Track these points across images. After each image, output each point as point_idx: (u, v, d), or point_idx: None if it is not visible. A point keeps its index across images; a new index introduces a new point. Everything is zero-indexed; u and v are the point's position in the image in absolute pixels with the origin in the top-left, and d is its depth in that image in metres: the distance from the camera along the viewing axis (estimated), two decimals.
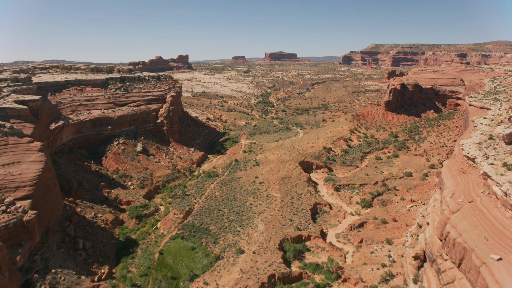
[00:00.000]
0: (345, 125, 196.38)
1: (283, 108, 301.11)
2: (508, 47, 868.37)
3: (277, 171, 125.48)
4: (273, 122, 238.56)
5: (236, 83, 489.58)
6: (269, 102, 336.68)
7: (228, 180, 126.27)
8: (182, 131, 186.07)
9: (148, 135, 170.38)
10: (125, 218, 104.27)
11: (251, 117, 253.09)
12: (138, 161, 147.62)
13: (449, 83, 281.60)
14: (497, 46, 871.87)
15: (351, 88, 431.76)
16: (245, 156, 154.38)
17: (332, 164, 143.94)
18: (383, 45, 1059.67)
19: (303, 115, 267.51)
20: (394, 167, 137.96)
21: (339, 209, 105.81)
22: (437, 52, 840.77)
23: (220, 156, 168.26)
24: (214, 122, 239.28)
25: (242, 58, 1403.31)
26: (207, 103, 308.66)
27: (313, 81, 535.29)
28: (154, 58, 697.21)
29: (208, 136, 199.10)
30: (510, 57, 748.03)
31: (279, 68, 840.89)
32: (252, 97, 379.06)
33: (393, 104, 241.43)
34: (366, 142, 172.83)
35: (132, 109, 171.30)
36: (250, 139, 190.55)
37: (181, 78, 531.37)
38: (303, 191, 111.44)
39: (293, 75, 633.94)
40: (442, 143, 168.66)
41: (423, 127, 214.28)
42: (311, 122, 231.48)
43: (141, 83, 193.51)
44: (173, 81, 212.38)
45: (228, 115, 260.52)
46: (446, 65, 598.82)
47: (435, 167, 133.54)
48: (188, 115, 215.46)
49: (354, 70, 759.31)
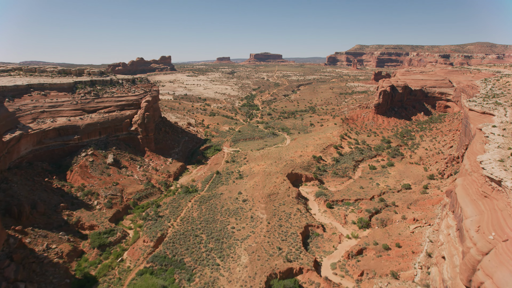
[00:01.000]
0: (334, 130, 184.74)
1: (268, 111, 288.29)
2: (489, 48, 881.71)
3: (262, 186, 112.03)
4: (258, 127, 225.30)
5: (220, 85, 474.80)
6: (254, 105, 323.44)
7: (207, 197, 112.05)
8: (159, 139, 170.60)
9: (120, 145, 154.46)
10: (86, 247, 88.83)
11: (235, 122, 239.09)
12: (108, 174, 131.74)
13: (438, 84, 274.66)
14: (478, 47, 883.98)
15: (338, 89, 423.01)
16: (228, 167, 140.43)
17: (323, 175, 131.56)
18: (368, 46, 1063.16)
19: (289, 118, 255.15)
20: (391, 178, 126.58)
21: (333, 231, 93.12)
22: (421, 53, 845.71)
23: (201, 167, 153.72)
24: (196, 127, 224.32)
25: (227, 59, 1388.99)
26: (189, 107, 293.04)
27: (298, 83, 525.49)
28: (135, 59, 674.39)
29: (188, 143, 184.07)
30: (491, 58, 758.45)
31: (264, 69, 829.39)
32: (237, 99, 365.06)
33: (383, 107, 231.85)
34: (358, 149, 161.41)
35: (102, 116, 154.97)
36: (234, 147, 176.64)
37: (163, 80, 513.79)
38: (292, 210, 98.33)
39: (279, 76, 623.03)
40: (438, 150, 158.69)
41: (415, 131, 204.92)
42: (299, 127, 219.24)
43: (113, 87, 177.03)
44: (149, 84, 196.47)
45: (211, 119, 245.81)
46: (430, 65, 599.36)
47: (434, 177, 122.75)
48: (167, 121, 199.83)
49: (340, 71, 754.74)
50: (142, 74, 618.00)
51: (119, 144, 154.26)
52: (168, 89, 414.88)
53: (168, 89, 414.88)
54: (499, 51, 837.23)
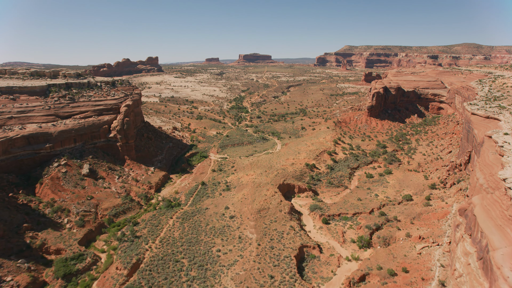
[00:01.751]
0: (327, 135, 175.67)
1: (258, 114, 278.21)
2: (475, 49, 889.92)
3: (252, 200, 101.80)
4: (247, 131, 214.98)
5: (208, 87, 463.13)
6: (243, 108, 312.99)
7: (191, 213, 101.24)
8: (140, 146, 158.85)
9: (98, 153, 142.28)
10: (49, 277, 77.19)
11: (222, 126, 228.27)
12: (82, 187, 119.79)
13: (431, 85, 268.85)
14: (465, 48, 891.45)
15: (329, 91, 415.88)
16: (214, 177, 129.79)
17: (317, 185, 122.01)
18: (357, 47, 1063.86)
19: (280, 122, 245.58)
20: (389, 187, 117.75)
21: (331, 251, 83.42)
22: (409, 54, 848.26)
23: (185, 176, 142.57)
24: (181, 132, 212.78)
25: (215, 60, 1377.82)
26: (175, 110, 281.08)
27: (288, 84, 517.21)
28: (121, 60, 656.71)
29: (173, 150, 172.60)
30: (478, 59, 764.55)
31: (254, 70, 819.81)
32: (225, 101, 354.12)
33: (376, 109, 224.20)
34: (353, 154, 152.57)
35: (78, 122, 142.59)
36: (221, 153, 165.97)
37: (149, 82, 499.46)
38: (285, 227, 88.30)
39: (268, 77, 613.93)
40: (436, 155, 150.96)
41: (410, 134, 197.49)
42: (289, 131, 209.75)
43: (91, 90, 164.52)
44: (131, 87, 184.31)
45: (198, 123, 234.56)
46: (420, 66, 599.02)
47: (436, 187, 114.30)
48: (150, 126, 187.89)
49: (329, 72, 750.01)
50: (128, 75, 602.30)
51: (97, 153, 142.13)
52: (155, 91, 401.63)
53: (155, 91, 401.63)
54: (486, 52, 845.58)
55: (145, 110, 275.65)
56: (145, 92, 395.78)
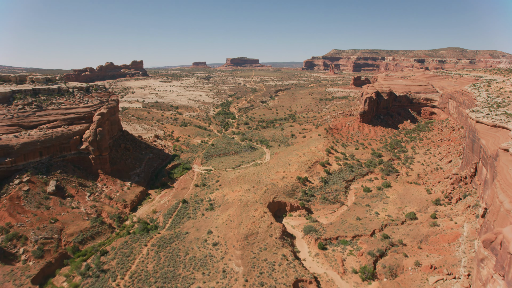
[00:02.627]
0: (319, 143, 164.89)
1: (245, 120, 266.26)
2: (460, 53, 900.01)
3: (238, 223, 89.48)
4: (234, 139, 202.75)
5: (194, 91, 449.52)
6: (229, 113, 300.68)
7: (169, 239, 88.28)
8: (116, 158, 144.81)
9: (67, 168, 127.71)
10: None
11: (208, 133, 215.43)
12: (46, 208, 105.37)
13: (422, 90, 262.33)
14: (450, 52, 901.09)
15: (318, 95, 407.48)
16: (197, 194, 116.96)
17: (310, 201, 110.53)
18: (344, 51, 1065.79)
19: (268, 128, 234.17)
20: (390, 204, 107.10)
21: (330, 285, 71.74)
22: (396, 58, 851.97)
23: (165, 192, 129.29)
24: (164, 140, 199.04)
25: (203, 64, 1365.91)
26: (158, 116, 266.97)
27: (276, 88, 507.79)
28: (104, 64, 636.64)
29: (153, 161, 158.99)
30: (464, 63, 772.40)
31: (241, 74, 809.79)
32: (211, 107, 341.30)
33: (369, 115, 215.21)
34: (347, 165, 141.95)
35: (45, 132, 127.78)
36: (205, 165, 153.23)
37: (133, 86, 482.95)
38: (276, 257, 76.27)
39: (256, 82, 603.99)
40: (436, 165, 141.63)
41: (405, 141, 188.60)
42: (279, 138, 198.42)
43: (62, 96, 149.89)
44: (107, 93, 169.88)
45: (182, 131, 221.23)
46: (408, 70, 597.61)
47: (440, 202, 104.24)
48: (128, 135, 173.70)
49: (318, 76, 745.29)
50: (111, 79, 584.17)
51: (66, 167, 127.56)
52: (138, 96, 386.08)
53: (138, 96, 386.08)
54: (470, 56, 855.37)
55: (126, 117, 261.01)
56: (128, 97, 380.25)
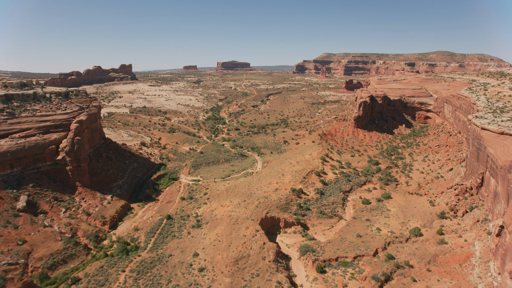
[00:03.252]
0: (313, 151, 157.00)
1: (236, 125, 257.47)
2: (449, 57, 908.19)
3: (227, 244, 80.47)
4: (224, 146, 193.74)
5: (184, 96, 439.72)
6: (220, 118, 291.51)
7: (150, 262, 78.77)
8: (97, 169, 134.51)
9: (41, 181, 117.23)
10: None
11: (197, 140, 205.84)
12: (14, 227, 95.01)
13: (416, 94, 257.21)
14: (439, 56, 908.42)
15: (310, 99, 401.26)
16: (183, 208, 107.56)
17: (306, 215, 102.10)
18: (335, 54, 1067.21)
19: (260, 134, 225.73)
20: (392, 218, 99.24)
21: None
22: (387, 61, 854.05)
23: (149, 206, 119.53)
24: (150, 148, 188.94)
25: (193, 67, 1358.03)
26: (145, 122, 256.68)
27: (268, 92, 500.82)
28: (92, 68, 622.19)
29: (137, 171, 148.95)
30: (454, 66, 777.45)
31: (232, 77, 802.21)
32: (201, 112, 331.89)
33: (364, 120, 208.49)
34: (344, 174, 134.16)
35: (16, 142, 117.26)
36: (193, 174, 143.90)
37: (121, 91, 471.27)
38: (270, 285, 67.44)
39: (247, 85, 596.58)
40: (436, 173, 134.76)
41: (401, 147, 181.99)
42: (271, 145, 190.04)
43: (37, 103, 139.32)
44: (87, 98, 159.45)
45: (169, 137, 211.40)
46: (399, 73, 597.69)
47: (446, 215, 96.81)
48: (112, 144, 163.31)
49: (309, 79, 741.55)
50: (99, 84, 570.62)
51: (40, 180, 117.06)
52: (126, 101, 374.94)
53: (126, 101, 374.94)
54: (459, 60, 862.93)
55: (112, 123, 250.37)
56: (115, 102, 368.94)
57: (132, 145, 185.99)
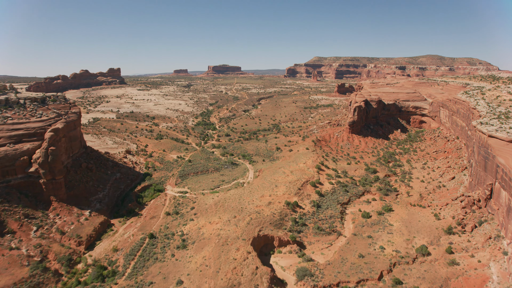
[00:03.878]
0: (308, 158, 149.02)
1: (226, 131, 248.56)
2: (439, 60, 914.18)
3: (215, 269, 71.37)
4: (213, 154, 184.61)
5: (174, 100, 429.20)
6: (210, 124, 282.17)
7: None
8: (75, 181, 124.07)
9: (11, 195, 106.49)
10: None
11: (185, 147, 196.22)
12: None
13: (411, 98, 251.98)
14: (429, 60, 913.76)
15: (302, 103, 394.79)
16: (168, 225, 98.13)
17: (302, 232, 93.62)
18: (326, 58, 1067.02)
19: (251, 140, 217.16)
20: (396, 234, 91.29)
21: None
22: (378, 65, 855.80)
23: (132, 222, 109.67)
24: (136, 156, 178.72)
25: (184, 71, 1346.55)
26: (132, 128, 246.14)
27: (259, 96, 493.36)
28: (79, 71, 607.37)
29: (120, 183, 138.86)
30: (444, 70, 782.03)
31: (223, 81, 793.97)
32: (191, 117, 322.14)
33: (358, 125, 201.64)
34: (341, 184, 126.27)
35: None
36: (181, 185, 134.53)
37: (108, 95, 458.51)
38: None
39: (238, 89, 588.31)
40: (437, 181, 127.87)
41: (398, 154, 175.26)
42: (263, 152, 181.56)
43: (10, 109, 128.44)
44: (66, 104, 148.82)
45: (157, 144, 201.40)
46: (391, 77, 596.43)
47: (453, 231, 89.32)
48: (93, 153, 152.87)
49: (300, 83, 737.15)
50: (86, 88, 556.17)
51: (9, 195, 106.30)
52: (113, 106, 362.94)
53: (113, 106, 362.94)
54: (448, 63, 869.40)
55: (97, 129, 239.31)
56: (101, 107, 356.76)
57: (116, 153, 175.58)
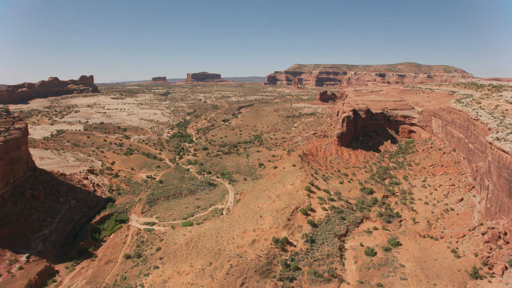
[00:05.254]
0: (295, 178, 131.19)
1: (204, 144, 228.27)
2: (416, 68, 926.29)
3: None
4: (189, 172, 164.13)
5: (149, 109, 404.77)
6: (186, 136, 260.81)
7: None
8: (13, 215, 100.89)
9: None
10: None
11: (157, 164, 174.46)
12: None
13: (399, 106, 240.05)
14: (407, 67, 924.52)
15: (284, 111, 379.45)
16: (125, 274, 77.19)
17: (295, 279, 74.64)
18: (306, 65, 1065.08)
19: (231, 155, 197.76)
20: (411, 280, 73.81)
21: None
22: (358, 72, 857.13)
23: (82, 267, 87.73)
24: (99, 176, 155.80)
25: (162, 79, 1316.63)
26: (100, 141, 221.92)
27: (239, 104, 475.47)
28: (48, 79, 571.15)
29: (74, 212, 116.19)
30: (422, 77, 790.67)
31: (202, 89, 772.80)
32: (166, 128, 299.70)
33: (347, 137, 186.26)
34: (335, 210, 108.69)
35: None
36: (148, 214, 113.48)
37: (79, 104, 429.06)
38: None
39: (217, 98, 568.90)
40: (443, 204, 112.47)
41: (392, 168, 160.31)
42: (244, 169, 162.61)
43: None
44: (9, 119, 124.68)
45: (125, 161, 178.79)
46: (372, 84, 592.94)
47: (479, 273, 72.90)
48: (44, 176, 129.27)
49: (281, 91, 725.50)
50: (55, 96, 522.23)
51: None
52: (82, 116, 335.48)
53: (82, 116, 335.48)
54: (425, 71, 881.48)
55: (59, 143, 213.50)
56: (69, 117, 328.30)
57: (76, 174, 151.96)
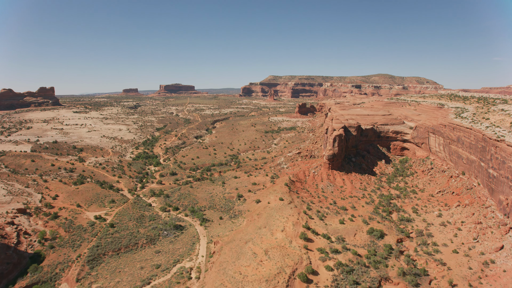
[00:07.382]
0: (285, 219, 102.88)
1: (172, 167, 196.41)
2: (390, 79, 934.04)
3: None
4: (151, 208, 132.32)
5: (113, 125, 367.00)
6: (153, 156, 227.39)
7: None
8: None
9: None
10: None
11: (112, 198, 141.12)
12: None
13: (389, 121, 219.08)
14: (382, 79, 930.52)
15: (262, 126, 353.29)
16: None
17: None
18: (281, 77, 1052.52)
19: (204, 182, 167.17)
20: None
21: None
22: (334, 83, 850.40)
23: None
24: (33, 217, 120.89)
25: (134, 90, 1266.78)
26: (47, 166, 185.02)
27: (214, 118, 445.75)
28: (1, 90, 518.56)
29: None
30: (397, 89, 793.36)
31: (175, 101, 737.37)
32: (130, 147, 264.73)
33: (339, 158, 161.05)
34: (343, 268, 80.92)
35: None
36: (85, 284, 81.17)
37: (34, 119, 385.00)
38: None
39: (190, 111, 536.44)
40: (478, 252, 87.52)
41: (396, 197, 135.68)
42: (219, 203, 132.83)
43: None
44: None
45: (72, 194, 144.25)
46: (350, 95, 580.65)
47: None
48: None
49: (257, 103, 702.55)
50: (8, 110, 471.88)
51: None
52: (34, 133, 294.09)
53: (34, 133, 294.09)
54: (399, 82, 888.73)
55: None
56: (17, 135, 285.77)
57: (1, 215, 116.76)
